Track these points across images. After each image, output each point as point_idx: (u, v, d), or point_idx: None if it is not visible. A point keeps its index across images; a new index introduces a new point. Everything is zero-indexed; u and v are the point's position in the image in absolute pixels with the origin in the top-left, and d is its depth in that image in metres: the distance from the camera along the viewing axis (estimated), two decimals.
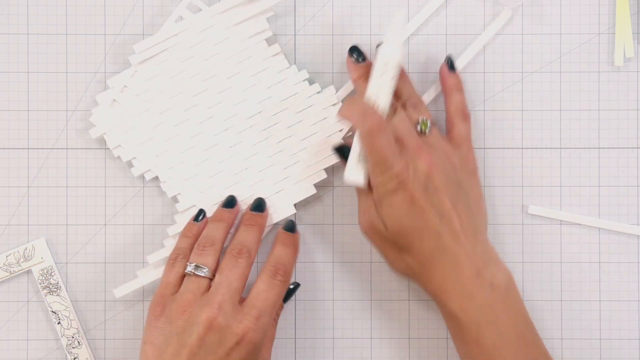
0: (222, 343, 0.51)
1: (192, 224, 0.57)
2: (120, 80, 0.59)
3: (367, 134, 0.51)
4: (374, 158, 0.51)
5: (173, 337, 0.52)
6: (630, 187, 0.60)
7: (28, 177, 0.60)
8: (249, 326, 0.51)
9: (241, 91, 0.59)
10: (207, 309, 0.51)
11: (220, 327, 0.51)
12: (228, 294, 0.52)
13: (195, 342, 0.51)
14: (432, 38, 0.61)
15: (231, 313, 0.52)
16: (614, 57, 0.60)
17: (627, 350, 0.60)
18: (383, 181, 0.51)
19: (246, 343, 0.51)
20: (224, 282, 0.53)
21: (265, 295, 0.53)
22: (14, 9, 0.60)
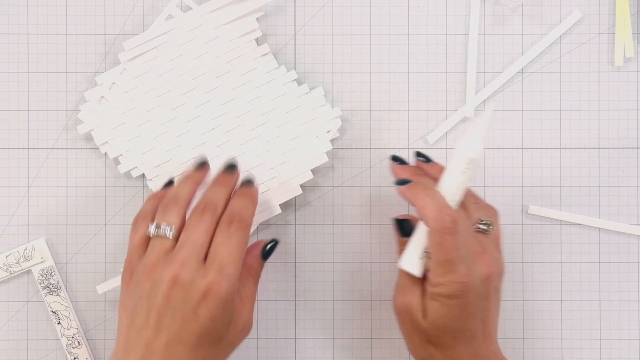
0: (188, 299, 0.49)
1: (160, 190, 0.55)
2: (109, 77, 0.59)
3: (439, 232, 0.49)
4: (440, 257, 0.49)
5: (142, 300, 0.50)
6: (630, 187, 0.60)
7: (28, 177, 0.60)
8: (213, 278, 0.49)
9: (230, 90, 0.59)
10: (170, 266, 0.49)
11: (184, 283, 0.49)
12: (192, 250, 0.50)
13: (161, 302, 0.49)
14: (432, 38, 0.61)
15: (195, 268, 0.50)
16: (614, 57, 0.60)
17: (627, 350, 0.60)
18: (446, 283, 0.49)
19: (212, 296, 0.49)
20: (189, 239, 0.50)
21: (224, 246, 0.50)
22: (14, 9, 0.60)
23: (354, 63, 0.61)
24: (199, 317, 0.49)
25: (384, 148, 0.60)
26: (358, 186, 0.61)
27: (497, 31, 0.61)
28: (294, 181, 0.59)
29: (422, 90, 0.61)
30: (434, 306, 0.50)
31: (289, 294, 0.61)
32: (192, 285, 0.49)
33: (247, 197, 0.53)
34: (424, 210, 0.50)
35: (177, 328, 0.49)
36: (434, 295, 0.50)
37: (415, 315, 0.51)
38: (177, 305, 0.49)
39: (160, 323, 0.49)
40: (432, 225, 0.49)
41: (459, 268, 0.49)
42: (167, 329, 0.49)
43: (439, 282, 0.49)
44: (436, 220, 0.49)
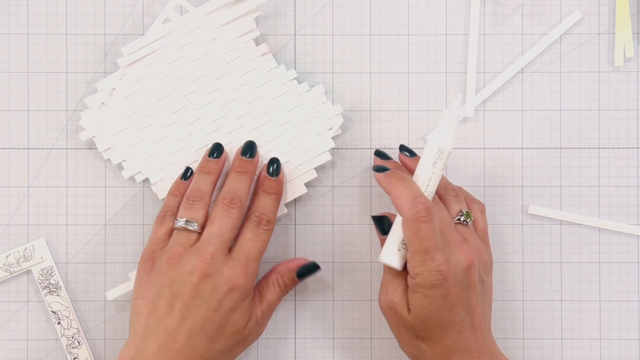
0: (215, 291, 0.51)
1: (180, 183, 0.57)
2: (109, 83, 0.59)
3: (413, 221, 0.50)
4: (415, 246, 0.50)
5: (165, 289, 0.52)
6: (630, 187, 0.60)
7: (28, 177, 0.60)
8: (239, 272, 0.52)
9: (230, 91, 0.59)
10: (199, 258, 0.52)
11: (213, 275, 0.52)
12: (220, 244, 0.53)
13: (189, 292, 0.51)
14: (432, 38, 0.61)
15: (222, 262, 0.52)
16: (614, 57, 0.60)
17: (627, 350, 0.60)
18: (424, 272, 0.50)
19: (238, 289, 0.52)
20: (217, 233, 0.53)
21: (252, 243, 0.53)
22: (14, 9, 0.60)
23: (354, 63, 0.61)
24: (223, 308, 0.51)
25: (384, 148, 0.60)
26: (358, 186, 0.60)
27: (497, 31, 0.61)
28: (299, 180, 0.59)
29: (422, 90, 0.61)
30: (416, 299, 0.50)
31: (289, 294, 0.60)
32: (220, 277, 0.52)
33: (275, 195, 0.56)
34: (399, 200, 0.51)
35: (201, 318, 0.51)
36: (415, 287, 0.50)
37: (400, 311, 0.51)
38: (204, 297, 0.51)
39: (185, 312, 0.51)
40: (407, 214, 0.50)
41: (436, 256, 0.50)
42: (192, 319, 0.51)
43: (417, 272, 0.50)
44: (410, 209, 0.50)
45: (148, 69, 0.59)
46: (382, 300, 0.53)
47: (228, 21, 0.59)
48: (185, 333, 0.51)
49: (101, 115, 0.59)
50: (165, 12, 0.59)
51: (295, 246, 0.61)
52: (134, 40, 0.59)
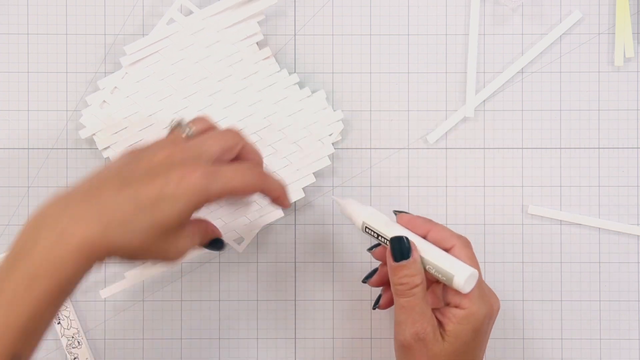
0: (169, 170, 0.46)
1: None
2: (111, 81, 0.59)
3: (467, 247, 0.50)
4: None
5: (126, 157, 0.48)
6: (630, 187, 0.60)
7: (28, 177, 0.60)
8: (202, 174, 0.46)
9: (231, 94, 0.59)
10: (173, 145, 0.48)
11: (176, 158, 0.47)
12: (202, 148, 0.48)
13: (145, 162, 0.47)
14: (432, 38, 0.61)
15: (192, 158, 0.47)
16: (614, 57, 0.60)
17: (627, 350, 0.60)
18: (478, 302, 0.49)
19: (187, 184, 0.45)
20: (205, 142, 0.48)
21: (235, 173, 0.47)
22: (14, 9, 0.60)
23: (354, 63, 0.61)
24: (163, 189, 0.45)
25: (384, 148, 0.60)
26: (358, 186, 0.61)
27: (497, 31, 0.61)
28: (297, 184, 0.59)
29: (422, 90, 0.61)
30: (455, 331, 0.48)
31: (289, 294, 0.61)
32: (179, 164, 0.46)
33: (273, 179, 0.51)
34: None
35: (136, 184, 0.45)
36: (465, 318, 0.48)
37: (430, 342, 0.48)
38: (154, 168, 0.46)
39: (127, 176, 0.46)
40: (460, 240, 0.50)
41: (487, 289, 0.50)
42: (128, 181, 0.46)
43: (472, 302, 0.48)
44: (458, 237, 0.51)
45: (150, 69, 0.59)
46: (409, 332, 0.49)
47: (232, 24, 0.59)
48: (116, 187, 0.45)
49: (102, 113, 0.59)
50: (169, 12, 0.59)
51: (296, 246, 0.61)
52: (137, 40, 0.59)
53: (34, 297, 0.43)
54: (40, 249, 0.43)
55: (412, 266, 0.49)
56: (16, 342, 0.43)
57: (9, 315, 0.43)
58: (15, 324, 0.43)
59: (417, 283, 0.49)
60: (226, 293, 0.61)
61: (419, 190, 0.60)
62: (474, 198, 0.60)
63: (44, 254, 0.43)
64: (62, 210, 0.44)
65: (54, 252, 0.43)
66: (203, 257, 0.60)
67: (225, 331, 0.61)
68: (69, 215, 0.44)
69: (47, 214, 0.45)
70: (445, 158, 0.61)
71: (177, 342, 0.61)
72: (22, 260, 0.43)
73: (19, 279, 0.43)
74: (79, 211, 0.44)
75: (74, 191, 0.46)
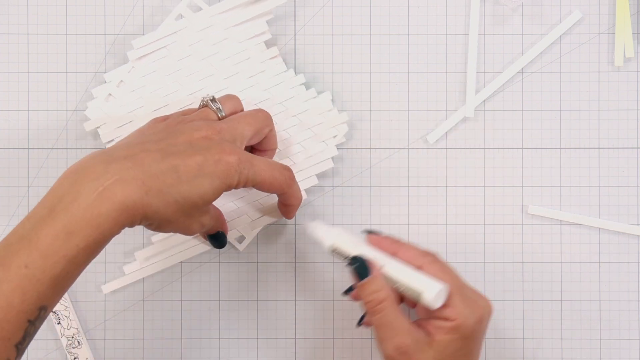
0: (209, 150, 0.48)
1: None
2: (117, 75, 0.59)
3: (439, 262, 0.50)
4: (451, 285, 0.49)
5: (163, 129, 0.50)
6: (630, 187, 0.60)
7: (28, 177, 0.60)
8: (237, 156, 0.49)
9: (238, 92, 0.59)
10: (210, 125, 0.50)
11: (214, 141, 0.49)
12: (234, 131, 0.50)
13: (184, 138, 0.49)
14: (432, 38, 0.61)
15: (229, 140, 0.50)
16: (614, 57, 0.60)
17: (627, 350, 0.60)
18: (465, 312, 0.48)
19: (225, 164, 0.48)
20: (239, 123, 0.51)
21: (266, 165, 0.50)
22: (14, 9, 0.60)
23: (354, 63, 0.61)
24: (201, 166, 0.47)
25: (384, 148, 0.61)
26: (358, 186, 0.61)
27: (497, 31, 0.61)
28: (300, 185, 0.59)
29: (422, 90, 0.61)
30: (444, 341, 0.48)
31: (289, 294, 0.61)
32: (218, 144, 0.49)
33: (297, 188, 0.55)
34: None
35: (179, 157, 0.47)
36: (452, 329, 0.48)
37: (414, 355, 0.48)
38: (194, 146, 0.48)
39: (167, 148, 0.48)
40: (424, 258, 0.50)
41: (471, 295, 0.49)
42: (170, 152, 0.47)
43: (459, 312, 0.48)
44: (425, 255, 0.50)
45: (157, 64, 0.59)
46: (393, 344, 0.48)
47: (240, 22, 0.59)
48: (158, 155, 0.47)
49: (107, 106, 0.59)
50: (178, 8, 0.59)
51: (296, 246, 0.61)
52: (145, 35, 0.59)
53: (70, 252, 0.43)
54: (80, 204, 0.44)
55: (374, 282, 0.49)
56: (47, 294, 0.43)
57: (44, 267, 0.43)
58: (48, 277, 0.43)
59: (382, 298, 0.48)
60: (226, 293, 0.61)
61: (419, 190, 0.60)
62: (474, 198, 0.60)
63: (83, 210, 0.44)
64: (104, 168, 0.45)
65: (94, 209, 0.44)
66: (203, 257, 0.60)
67: (225, 331, 0.61)
68: (112, 174, 0.45)
69: (88, 169, 0.45)
70: (445, 158, 0.61)
71: (177, 342, 0.61)
72: (61, 212, 0.44)
73: (56, 232, 0.43)
74: (123, 172, 0.45)
75: (115, 151, 0.47)
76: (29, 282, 0.43)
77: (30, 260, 0.43)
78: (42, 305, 0.43)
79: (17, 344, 0.43)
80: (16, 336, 0.43)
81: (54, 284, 0.43)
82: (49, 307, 0.44)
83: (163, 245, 0.59)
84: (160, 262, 0.60)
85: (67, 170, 0.46)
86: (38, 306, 0.43)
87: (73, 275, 0.44)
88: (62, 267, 0.43)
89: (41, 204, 0.45)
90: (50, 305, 0.44)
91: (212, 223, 0.52)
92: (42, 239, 0.43)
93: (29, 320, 0.43)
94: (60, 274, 0.43)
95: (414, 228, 0.60)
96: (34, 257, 0.43)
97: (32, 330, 0.43)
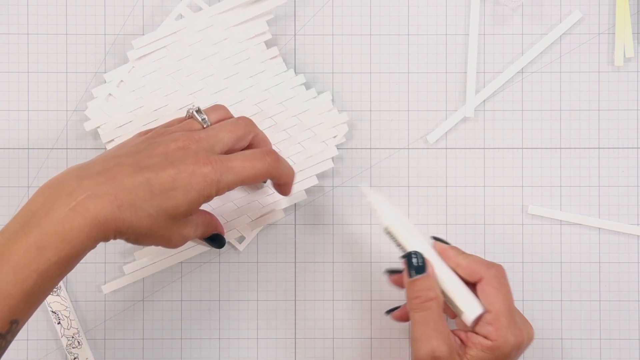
0: (183, 161, 0.48)
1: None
2: (118, 74, 0.59)
3: (497, 277, 0.49)
4: (500, 306, 0.49)
5: (142, 142, 0.50)
6: (630, 187, 0.60)
7: (28, 177, 0.60)
8: (212, 166, 0.48)
9: (238, 92, 0.59)
10: (188, 134, 0.49)
11: (190, 151, 0.48)
12: (214, 139, 0.50)
13: (160, 149, 0.48)
14: (432, 38, 0.61)
15: (206, 149, 0.49)
16: (614, 57, 0.60)
17: (627, 350, 0.60)
18: (507, 335, 0.48)
19: (200, 175, 0.47)
20: (219, 132, 0.50)
21: (248, 162, 0.49)
22: (14, 9, 0.60)
23: (354, 63, 0.61)
24: (175, 179, 0.47)
25: (384, 148, 0.61)
26: (358, 186, 0.61)
27: (497, 31, 0.61)
28: (299, 186, 0.59)
29: (422, 90, 0.61)
30: (476, 357, 0.48)
31: (289, 294, 0.61)
32: (193, 155, 0.48)
33: (284, 165, 0.53)
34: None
35: (154, 170, 0.47)
36: (490, 349, 0.48)
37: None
38: (169, 157, 0.48)
39: (142, 161, 0.47)
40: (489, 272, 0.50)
41: (517, 321, 0.49)
42: (145, 165, 0.47)
43: (501, 334, 0.48)
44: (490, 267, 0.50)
45: (157, 64, 0.59)
46: (424, 349, 0.48)
47: (240, 22, 0.59)
48: (131, 169, 0.47)
49: (107, 106, 0.59)
50: (178, 8, 0.59)
51: (296, 246, 0.61)
52: (145, 35, 0.59)
53: (41, 266, 0.43)
54: (53, 219, 0.44)
55: (427, 280, 0.49)
56: (18, 307, 0.43)
57: (15, 281, 0.43)
58: (19, 291, 0.43)
59: (431, 297, 0.49)
60: (226, 293, 0.61)
61: (419, 190, 0.60)
62: (474, 198, 0.60)
63: (55, 224, 0.44)
64: (78, 183, 0.45)
65: (66, 224, 0.44)
66: (203, 257, 0.60)
67: (225, 331, 0.61)
68: (84, 190, 0.45)
69: (61, 184, 0.45)
70: (445, 158, 0.61)
71: (177, 342, 0.61)
72: (33, 227, 0.44)
73: (28, 246, 0.43)
74: (95, 187, 0.45)
75: (90, 166, 0.47)
76: (0, 296, 0.43)
77: (1, 274, 0.43)
78: (14, 319, 0.43)
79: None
80: None
81: (25, 298, 0.43)
82: (20, 321, 0.44)
83: None
84: (160, 262, 0.60)
85: (43, 185, 0.46)
86: (9, 320, 0.43)
87: (45, 289, 0.44)
88: (33, 281, 0.43)
89: (15, 218, 0.45)
90: (22, 319, 0.44)
91: (197, 233, 0.51)
92: (13, 253, 0.43)
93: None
94: (32, 288, 0.43)
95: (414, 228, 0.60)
96: (5, 271, 0.43)
97: (4, 343, 0.44)
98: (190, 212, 0.48)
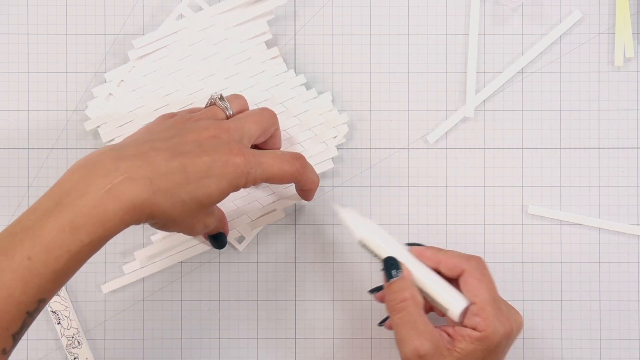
0: (217, 150, 0.48)
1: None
2: (118, 74, 0.59)
3: (479, 269, 0.49)
4: (485, 296, 0.48)
5: (171, 127, 0.50)
6: (630, 187, 0.60)
7: (28, 177, 0.60)
8: (244, 157, 0.48)
9: (238, 92, 0.59)
10: (218, 124, 0.50)
11: (222, 140, 0.49)
12: (241, 130, 0.50)
13: (192, 136, 0.48)
14: (432, 38, 0.61)
15: (236, 140, 0.49)
16: (614, 57, 0.60)
17: (627, 350, 0.60)
18: (495, 324, 0.48)
19: (231, 165, 0.48)
20: (246, 122, 0.51)
21: (275, 161, 0.50)
22: (14, 9, 0.60)
23: (354, 63, 0.61)
24: (209, 167, 0.47)
25: (384, 148, 0.61)
26: (358, 186, 0.61)
27: (497, 31, 0.61)
28: None
29: (422, 90, 0.61)
30: (466, 350, 0.47)
31: (289, 294, 0.61)
32: (225, 144, 0.48)
33: (311, 172, 0.54)
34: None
35: (188, 156, 0.47)
36: (478, 340, 0.47)
37: (433, 359, 0.47)
38: (202, 145, 0.48)
39: (176, 147, 0.48)
40: (470, 263, 0.50)
41: (503, 308, 0.49)
42: (179, 151, 0.47)
43: (488, 324, 0.47)
44: (471, 259, 0.50)
45: (158, 64, 0.59)
46: (408, 349, 0.47)
47: (241, 22, 0.59)
48: (167, 154, 0.47)
49: (108, 106, 0.59)
50: (179, 8, 0.59)
51: (296, 246, 0.61)
52: (145, 34, 0.59)
53: (73, 247, 0.43)
54: (88, 200, 0.44)
55: (401, 282, 0.49)
56: (47, 287, 0.43)
57: (47, 261, 0.43)
58: (50, 270, 0.43)
59: (405, 297, 0.48)
60: (226, 293, 0.61)
61: (419, 190, 0.61)
62: (474, 198, 0.60)
63: (90, 206, 0.44)
64: (114, 165, 0.45)
65: (101, 207, 0.44)
66: (203, 257, 0.60)
67: (225, 331, 0.61)
68: (121, 172, 0.45)
69: (96, 165, 0.45)
70: (445, 158, 0.61)
71: (177, 342, 0.61)
72: (67, 207, 0.44)
73: (62, 226, 0.43)
74: (132, 170, 0.45)
75: (125, 149, 0.47)
76: (31, 275, 0.43)
77: (33, 252, 0.43)
78: (42, 297, 0.43)
79: (14, 334, 0.43)
80: (14, 326, 0.43)
81: (54, 277, 0.43)
82: (47, 299, 0.44)
83: (163, 245, 0.59)
84: (160, 262, 0.60)
85: (76, 164, 0.45)
86: (38, 298, 0.43)
87: (74, 269, 0.44)
88: (64, 261, 0.43)
89: (47, 196, 0.45)
90: (48, 297, 0.44)
91: (215, 224, 0.52)
92: (46, 232, 0.43)
93: (27, 311, 0.43)
94: (62, 268, 0.43)
95: (414, 228, 0.60)
96: (38, 250, 0.43)
97: (30, 321, 0.44)
98: (218, 201, 0.48)
